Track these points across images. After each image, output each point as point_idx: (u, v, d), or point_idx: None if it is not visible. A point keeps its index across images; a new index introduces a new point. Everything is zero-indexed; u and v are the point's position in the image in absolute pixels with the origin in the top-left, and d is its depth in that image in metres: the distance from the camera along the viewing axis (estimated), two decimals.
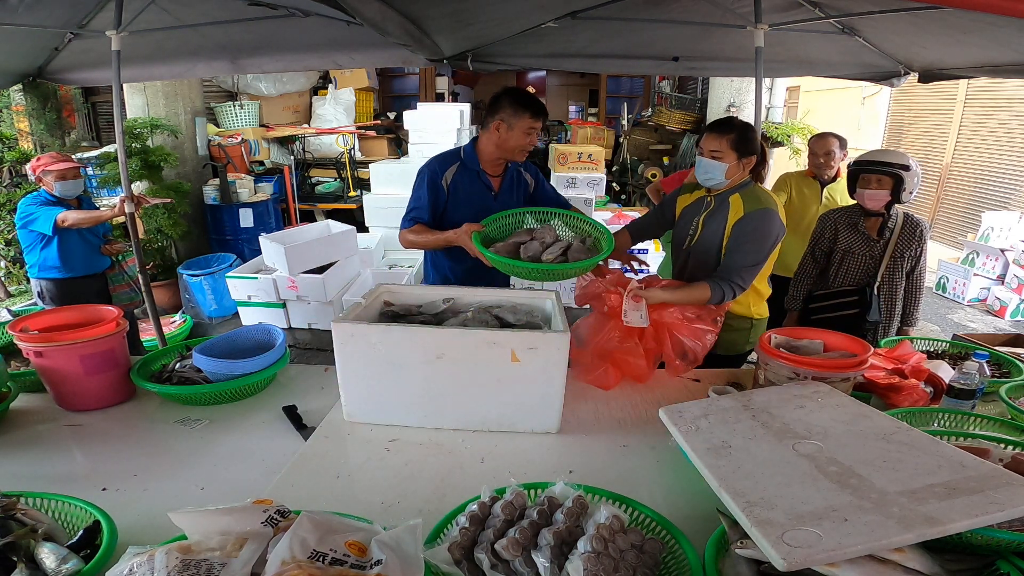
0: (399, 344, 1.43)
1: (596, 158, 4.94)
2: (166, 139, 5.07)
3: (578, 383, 1.71)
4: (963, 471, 0.99)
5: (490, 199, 2.16)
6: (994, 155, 6.10)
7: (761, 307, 2.09)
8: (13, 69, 3.37)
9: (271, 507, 0.91)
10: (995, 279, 5.39)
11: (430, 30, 2.87)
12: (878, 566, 0.85)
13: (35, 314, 1.74)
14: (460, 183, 2.13)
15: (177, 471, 1.35)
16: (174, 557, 0.80)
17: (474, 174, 2.13)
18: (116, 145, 3.13)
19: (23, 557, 0.94)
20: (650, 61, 3.50)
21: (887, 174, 2.20)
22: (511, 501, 1.01)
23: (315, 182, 6.92)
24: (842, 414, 1.24)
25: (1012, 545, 0.90)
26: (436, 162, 2.15)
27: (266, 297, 4.28)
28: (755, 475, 1.03)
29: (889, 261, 2.31)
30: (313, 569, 0.78)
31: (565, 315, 1.57)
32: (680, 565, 0.96)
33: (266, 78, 6.94)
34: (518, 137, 2.03)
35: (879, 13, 2.41)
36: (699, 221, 2.02)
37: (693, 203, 2.10)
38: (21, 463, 1.37)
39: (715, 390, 1.51)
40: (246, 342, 1.86)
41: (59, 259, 3.06)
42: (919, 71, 3.25)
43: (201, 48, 3.25)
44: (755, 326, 2.08)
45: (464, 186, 2.13)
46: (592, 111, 11.99)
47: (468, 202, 2.13)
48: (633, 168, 8.23)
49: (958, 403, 1.51)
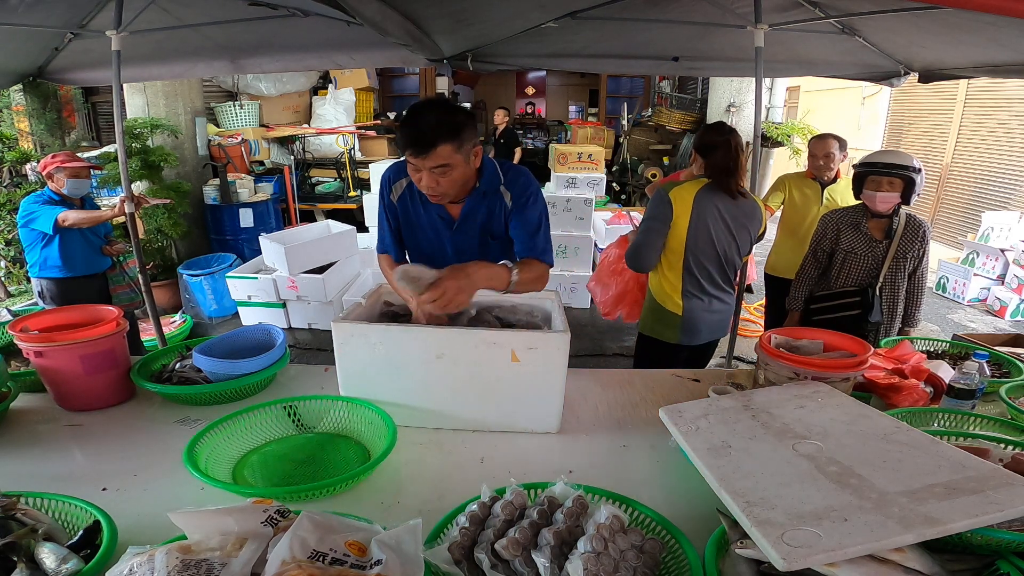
0: (399, 344, 1.43)
1: (596, 158, 4.94)
2: (166, 139, 5.07)
3: (580, 381, 1.72)
4: (963, 471, 0.99)
5: (444, 229, 1.71)
6: (994, 155, 6.10)
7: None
8: (13, 69, 3.37)
9: (271, 507, 0.91)
10: (995, 279, 5.39)
11: (430, 30, 2.87)
12: (878, 566, 0.85)
13: (35, 314, 1.74)
14: (410, 201, 1.72)
15: (177, 471, 1.34)
16: (174, 557, 0.80)
17: (424, 197, 1.65)
18: (116, 145, 3.13)
19: (23, 557, 0.94)
20: (650, 61, 3.51)
21: (899, 176, 2.19)
22: (511, 501, 1.01)
23: (315, 182, 6.93)
24: (842, 414, 1.24)
25: (1012, 545, 0.90)
26: (391, 171, 1.73)
27: (266, 297, 4.28)
28: (755, 475, 1.03)
29: (892, 262, 2.31)
30: (313, 569, 0.78)
31: (565, 315, 1.57)
32: (680, 565, 0.96)
33: (266, 78, 6.94)
34: (408, 169, 1.54)
35: (879, 13, 2.41)
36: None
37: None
38: (21, 463, 1.37)
39: (715, 390, 1.51)
40: (246, 342, 1.86)
41: (60, 258, 3.07)
42: (919, 71, 3.25)
43: (201, 48, 3.26)
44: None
45: (414, 207, 1.72)
46: (592, 111, 12.00)
47: (419, 227, 1.74)
48: (633, 168, 8.24)
49: (958, 403, 1.50)
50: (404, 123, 1.47)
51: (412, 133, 1.44)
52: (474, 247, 1.72)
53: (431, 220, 1.71)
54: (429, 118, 1.44)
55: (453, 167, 1.48)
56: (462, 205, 1.67)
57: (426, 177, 1.49)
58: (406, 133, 1.45)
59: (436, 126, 1.43)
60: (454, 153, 1.46)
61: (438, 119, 1.44)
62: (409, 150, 1.45)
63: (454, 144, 1.45)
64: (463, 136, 1.47)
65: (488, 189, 1.65)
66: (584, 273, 4.77)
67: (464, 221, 1.69)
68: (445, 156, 1.45)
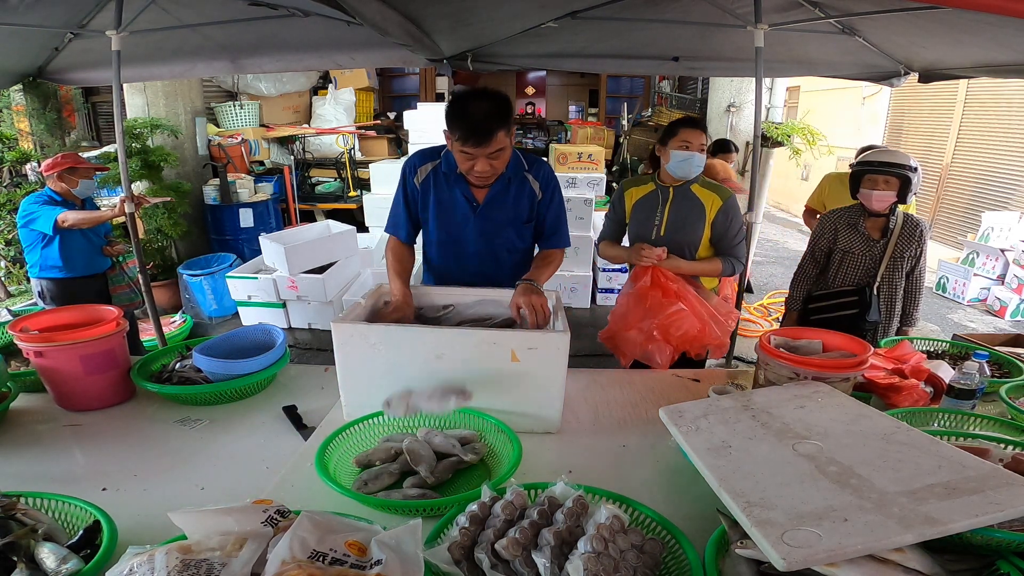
0: (399, 344, 1.43)
1: (596, 158, 4.94)
2: (166, 139, 5.07)
3: (580, 381, 1.72)
4: (963, 471, 0.99)
5: (469, 212, 1.79)
6: (994, 155, 6.10)
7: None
8: (13, 69, 3.37)
9: (271, 507, 0.91)
10: (995, 279, 5.39)
11: (430, 30, 2.87)
12: (878, 566, 0.85)
13: (35, 314, 1.74)
14: (434, 186, 1.80)
15: (177, 471, 1.35)
16: (174, 557, 0.80)
17: (452, 180, 1.77)
18: (116, 145, 3.13)
19: (23, 557, 0.94)
20: (650, 61, 3.50)
21: (896, 175, 2.19)
22: (511, 501, 1.01)
23: (315, 182, 6.92)
24: (842, 414, 1.24)
25: (1012, 545, 0.90)
26: (417, 156, 1.84)
27: (266, 297, 4.28)
28: (755, 475, 1.03)
29: (889, 261, 2.31)
30: (313, 569, 0.78)
31: (565, 315, 1.57)
32: (680, 565, 0.96)
33: (266, 78, 6.93)
34: (458, 157, 1.64)
35: (879, 13, 2.41)
36: (663, 212, 2.18)
37: (646, 196, 2.25)
38: (21, 463, 1.37)
39: (715, 390, 1.51)
40: (246, 342, 1.86)
41: (61, 259, 3.08)
42: (919, 71, 3.25)
43: (201, 48, 3.25)
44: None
45: (438, 192, 1.80)
46: (592, 111, 12.00)
47: (442, 211, 1.81)
48: (633, 168, 8.22)
49: (958, 403, 1.50)
50: (460, 116, 1.53)
51: (472, 126, 1.52)
52: (496, 230, 1.80)
53: (455, 201, 1.78)
54: (483, 107, 1.51)
55: (505, 149, 1.61)
56: (487, 190, 1.75)
57: (481, 164, 1.58)
58: (465, 126, 1.52)
59: (492, 115, 1.51)
60: (506, 137, 1.57)
61: (491, 108, 1.52)
62: (470, 141, 1.53)
63: (506, 129, 1.55)
64: (511, 119, 1.57)
65: (513, 175, 1.75)
66: (584, 273, 4.78)
67: (488, 205, 1.77)
68: (501, 141, 1.56)
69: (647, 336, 2.01)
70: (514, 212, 1.79)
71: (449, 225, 1.82)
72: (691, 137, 2.10)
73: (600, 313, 4.82)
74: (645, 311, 2.06)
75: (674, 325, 2.01)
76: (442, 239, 1.87)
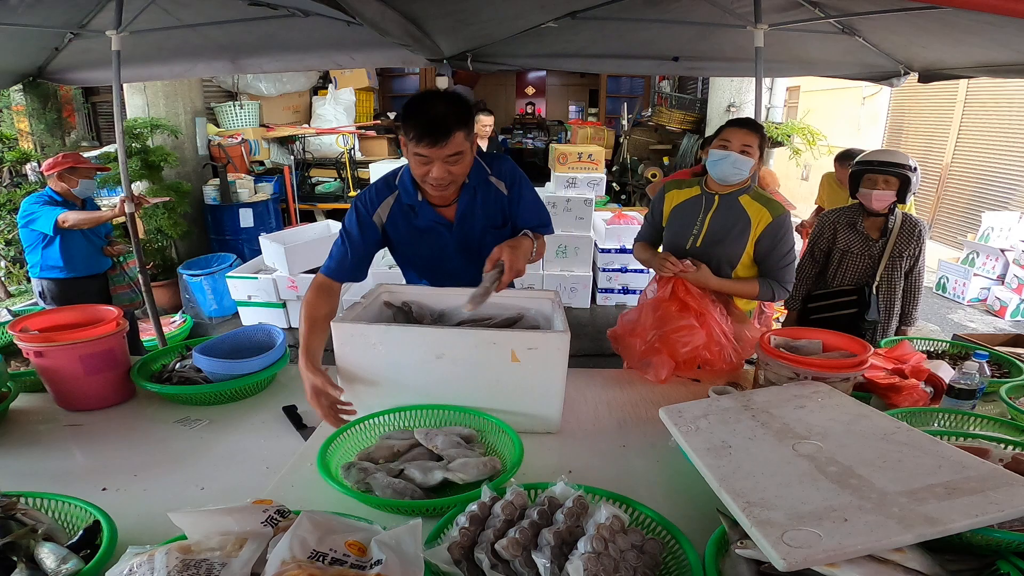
0: (399, 344, 1.43)
1: (596, 158, 4.94)
2: (166, 139, 5.07)
3: (580, 381, 1.72)
4: (963, 471, 0.99)
5: (445, 234, 1.68)
6: (994, 155, 6.10)
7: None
8: (13, 69, 3.37)
9: (271, 507, 0.91)
10: (995, 279, 5.39)
11: (430, 30, 2.87)
12: (878, 566, 0.85)
13: (35, 314, 1.74)
14: (400, 221, 1.66)
15: (177, 471, 1.35)
16: (174, 557, 0.80)
17: (417, 209, 1.64)
18: (116, 145, 3.14)
19: (23, 557, 0.94)
20: (650, 61, 3.51)
21: (895, 175, 2.20)
22: (511, 501, 1.01)
23: (315, 182, 6.93)
24: (842, 414, 1.24)
25: (1012, 545, 0.90)
26: (372, 191, 1.67)
27: (266, 297, 4.28)
28: (755, 475, 1.03)
29: (888, 261, 2.31)
30: (313, 569, 0.78)
31: (565, 315, 1.57)
32: (680, 565, 0.96)
33: (266, 78, 6.94)
34: (412, 163, 1.50)
35: (879, 13, 2.41)
36: (703, 220, 1.99)
37: (688, 201, 2.05)
38: (21, 463, 1.37)
39: (715, 390, 1.51)
40: (246, 342, 1.86)
41: (61, 259, 3.08)
42: (919, 71, 3.25)
43: (201, 48, 3.26)
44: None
45: (407, 225, 1.66)
46: (592, 111, 12.00)
47: (417, 243, 1.70)
48: (633, 168, 8.24)
49: (958, 403, 1.50)
50: (414, 115, 1.42)
51: (427, 123, 1.40)
52: (474, 243, 1.71)
53: (428, 228, 1.67)
54: (440, 107, 1.42)
55: (464, 154, 1.48)
56: (455, 206, 1.64)
57: (437, 169, 1.45)
58: (420, 124, 1.40)
59: (449, 114, 1.41)
60: (465, 140, 1.46)
61: (449, 107, 1.42)
62: (425, 141, 1.41)
63: (465, 131, 1.46)
64: (471, 122, 1.48)
65: (477, 183, 1.63)
66: (584, 273, 4.77)
67: (462, 220, 1.67)
68: (459, 143, 1.44)
69: (650, 347, 1.87)
70: (486, 219, 1.68)
71: (428, 252, 1.73)
72: (732, 136, 1.88)
73: (600, 313, 4.82)
74: (655, 321, 1.91)
75: (681, 340, 1.84)
76: (421, 265, 1.79)
